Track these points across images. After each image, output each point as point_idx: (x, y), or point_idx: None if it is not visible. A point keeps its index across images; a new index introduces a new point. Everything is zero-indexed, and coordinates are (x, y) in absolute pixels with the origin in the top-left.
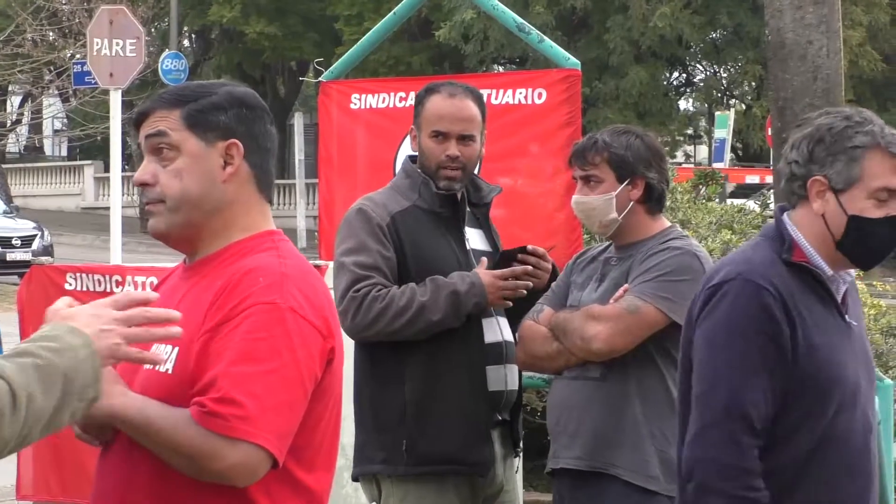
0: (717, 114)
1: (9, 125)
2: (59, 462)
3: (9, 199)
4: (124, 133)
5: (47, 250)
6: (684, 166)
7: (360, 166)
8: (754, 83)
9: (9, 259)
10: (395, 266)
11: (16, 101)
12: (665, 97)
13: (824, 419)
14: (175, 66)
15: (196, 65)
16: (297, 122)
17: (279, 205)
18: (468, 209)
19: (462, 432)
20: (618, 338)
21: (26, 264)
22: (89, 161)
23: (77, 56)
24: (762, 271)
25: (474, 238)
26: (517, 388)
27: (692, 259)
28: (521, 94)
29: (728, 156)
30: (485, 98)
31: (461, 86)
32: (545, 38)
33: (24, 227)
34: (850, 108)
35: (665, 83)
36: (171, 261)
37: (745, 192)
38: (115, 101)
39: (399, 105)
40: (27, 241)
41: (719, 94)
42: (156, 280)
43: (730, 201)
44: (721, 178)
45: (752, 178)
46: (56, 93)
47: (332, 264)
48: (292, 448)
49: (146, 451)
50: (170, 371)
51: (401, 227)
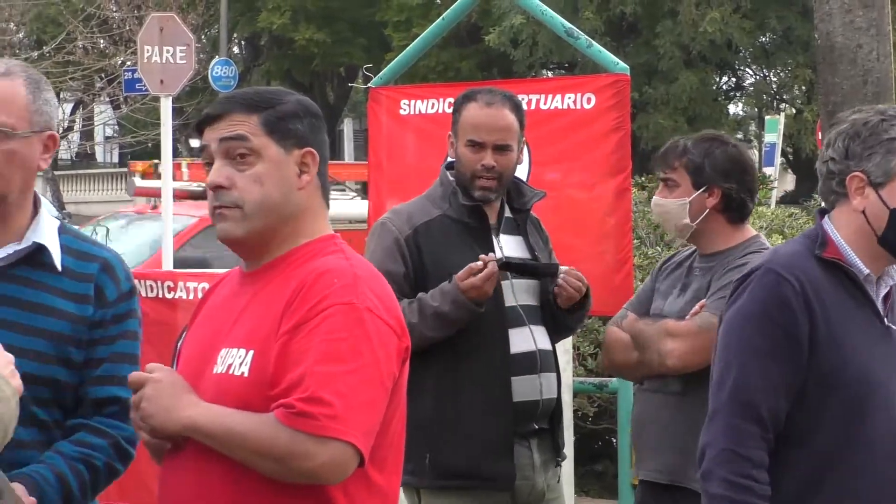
0: (767, 118)
1: (60, 132)
2: None
3: (61, 206)
4: (175, 140)
5: None
6: None
7: (409, 172)
8: (804, 87)
9: None
10: (404, 280)
11: (67, 108)
12: (715, 102)
13: (848, 420)
14: (225, 73)
15: (246, 71)
16: (347, 128)
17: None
18: (508, 215)
19: (481, 447)
20: (693, 356)
21: None
22: None
23: (128, 63)
24: (786, 262)
25: (510, 245)
26: (555, 395)
27: None
28: (569, 98)
29: (778, 160)
30: (534, 103)
31: (499, 93)
32: (594, 42)
33: None
34: (886, 105)
35: (715, 88)
36: (220, 266)
37: (794, 197)
38: (166, 107)
39: (448, 111)
40: None
41: (769, 99)
42: (207, 285)
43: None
44: (771, 183)
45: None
46: (107, 100)
47: None
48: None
49: (218, 458)
50: (245, 374)
51: (423, 238)
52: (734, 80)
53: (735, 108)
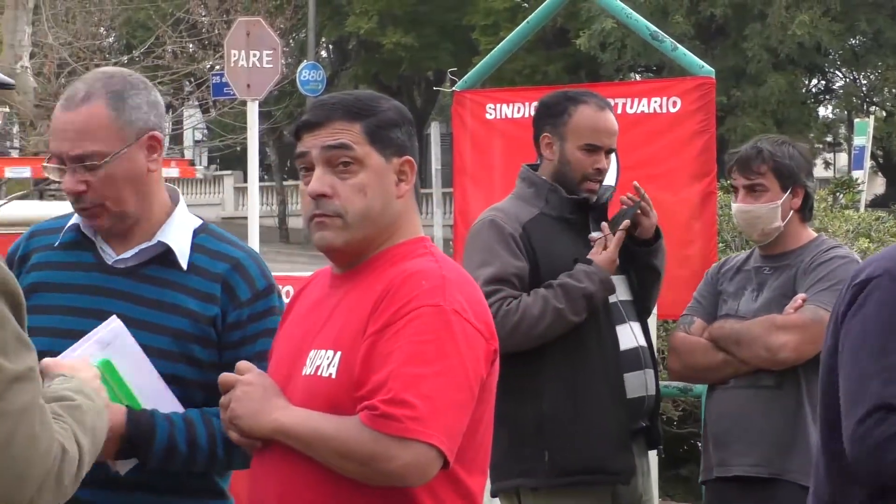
0: (856, 121)
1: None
2: None
3: None
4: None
5: None
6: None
7: (496, 176)
8: (895, 90)
9: None
10: (527, 275)
11: None
12: (803, 105)
13: None
14: (313, 77)
15: (333, 75)
16: (434, 131)
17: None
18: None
19: (604, 441)
20: (807, 347)
21: None
22: (229, 171)
23: (216, 67)
24: None
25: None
26: (656, 392)
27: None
28: (656, 102)
29: (868, 163)
30: (620, 107)
31: (603, 98)
32: (678, 45)
33: None
34: None
35: (804, 91)
36: (308, 269)
37: (884, 201)
38: (253, 112)
39: (533, 115)
40: None
41: (859, 101)
42: (292, 289)
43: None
44: (859, 186)
45: None
46: (196, 104)
47: None
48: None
49: (305, 459)
50: (333, 376)
51: (533, 235)
52: (823, 82)
53: (824, 111)
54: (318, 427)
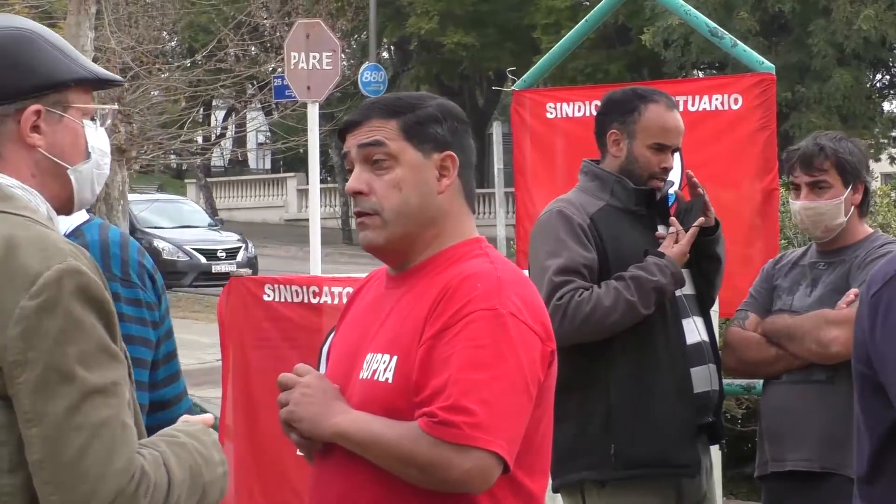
0: None
1: (213, 139)
2: (262, 470)
3: (214, 213)
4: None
5: (251, 262)
6: None
7: (558, 175)
8: None
9: (214, 271)
10: (596, 266)
11: (219, 115)
12: (868, 100)
13: None
14: (374, 78)
15: (395, 76)
16: (496, 131)
17: (479, 214)
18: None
19: (671, 434)
20: None
21: (230, 276)
22: (292, 173)
23: (278, 70)
24: None
25: (663, 231)
26: (720, 388)
27: None
28: (717, 100)
29: None
30: (682, 105)
31: (671, 97)
32: (738, 42)
33: (229, 239)
34: None
35: (868, 86)
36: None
37: None
38: (313, 113)
39: (594, 113)
40: (232, 254)
41: None
42: (351, 290)
43: None
44: None
45: None
46: (258, 106)
47: (527, 273)
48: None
49: (366, 465)
50: (390, 381)
51: (601, 226)
52: (888, 77)
53: (889, 106)
54: (378, 433)
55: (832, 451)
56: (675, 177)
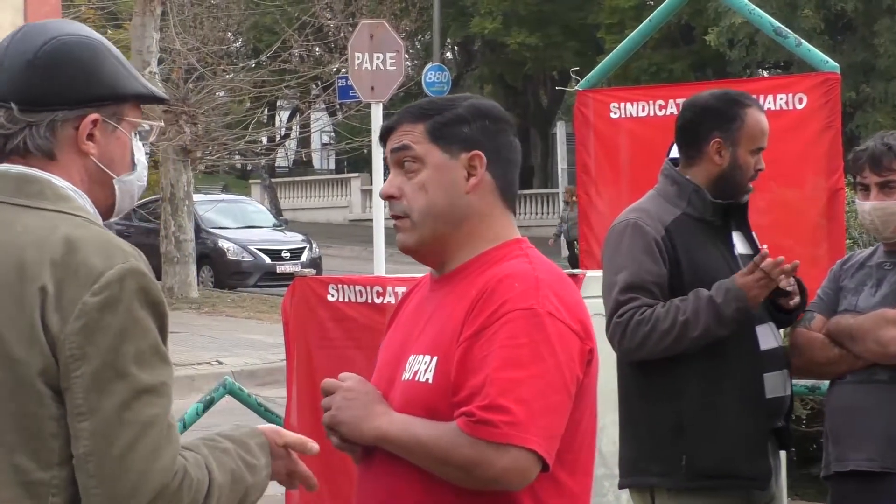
0: None
1: (277, 140)
2: (330, 471)
3: (278, 213)
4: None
5: (315, 262)
6: None
7: (623, 175)
8: None
9: (279, 271)
10: (666, 281)
11: (284, 115)
12: None
13: None
14: (438, 79)
15: (458, 76)
16: (560, 131)
17: (542, 213)
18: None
19: (742, 445)
20: None
21: (295, 277)
22: (356, 173)
23: (342, 70)
24: None
25: (738, 242)
26: (792, 392)
27: None
28: (782, 99)
29: None
30: None
31: (755, 98)
32: (802, 41)
33: (294, 239)
34: None
35: None
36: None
37: None
38: (377, 114)
39: (659, 113)
40: (296, 254)
41: None
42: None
43: None
44: None
45: None
46: (323, 107)
47: (589, 273)
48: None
49: (410, 466)
50: (430, 381)
51: (676, 238)
52: None
53: None
54: (419, 434)
55: (893, 450)
56: None
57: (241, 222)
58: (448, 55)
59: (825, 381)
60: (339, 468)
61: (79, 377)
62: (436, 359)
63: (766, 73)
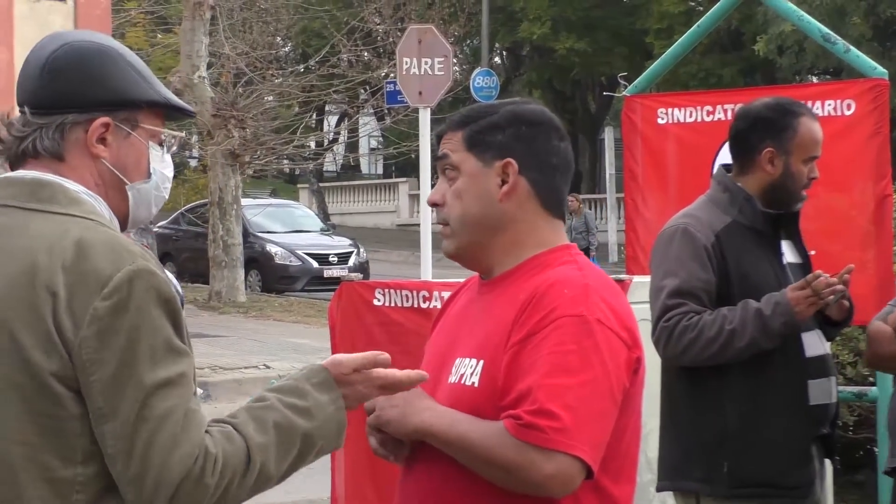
0: None
1: (325, 144)
2: (376, 471)
3: (326, 217)
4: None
5: (363, 267)
6: None
7: (671, 181)
8: None
9: (326, 276)
10: (714, 289)
11: (332, 120)
12: None
13: None
14: (486, 84)
15: (507, 81)
16: (608, 136)
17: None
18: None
19: (784, 455)
20: None
21: (342, 281)
22: (404, 178)
23: (390, 75)
24: None
25: (788, 251)
26: (838, 399)
27: None
28: (830, 105)
29: None
30: None
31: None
32: (851, 48)
33: (341, 244)
34: None
35: None
36: None
37: None
38: (424, 119)
39: (707, 119)
40: (343, 258)
41: None
42: None
43: None
44: None
45: None
46: (371, 111)
47: (636, 279)
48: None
49: (452, 465)
50: (476, 384)
51: (726, 245)
52: None
53: None
54: (464, 430)
55: None
56: None
57: (289, 227)
58: (496, 60)
59: (873, 388)
60: (385, 467)
61: (97, 381)
62: (482, 362)
63: (815, 80)
